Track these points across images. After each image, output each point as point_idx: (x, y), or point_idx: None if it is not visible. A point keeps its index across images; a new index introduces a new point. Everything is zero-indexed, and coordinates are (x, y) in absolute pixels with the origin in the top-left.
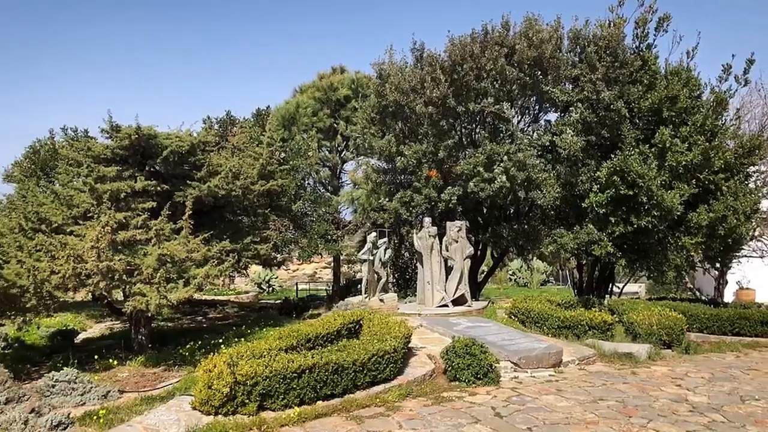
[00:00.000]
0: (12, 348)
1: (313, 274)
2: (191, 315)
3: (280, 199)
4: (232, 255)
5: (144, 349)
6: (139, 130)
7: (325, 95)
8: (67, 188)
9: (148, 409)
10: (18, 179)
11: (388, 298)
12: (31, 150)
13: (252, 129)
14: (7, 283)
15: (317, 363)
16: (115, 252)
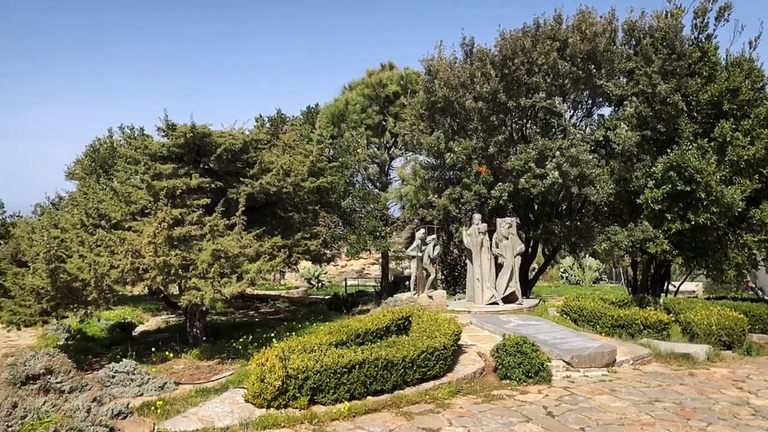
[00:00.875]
0: (74, 339)
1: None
2: (243, 309)
3: (329, 195)
4: (283, 251)
5: (199, 342)
6: (193, 128)
7: (374, 92)
8: (126, 185)
9: (202, 400)
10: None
11: (436, 295)
12: (91, 148)
13: (302, 127)
14: (70, 277)
15: (367, 358)
16: (171, 247)
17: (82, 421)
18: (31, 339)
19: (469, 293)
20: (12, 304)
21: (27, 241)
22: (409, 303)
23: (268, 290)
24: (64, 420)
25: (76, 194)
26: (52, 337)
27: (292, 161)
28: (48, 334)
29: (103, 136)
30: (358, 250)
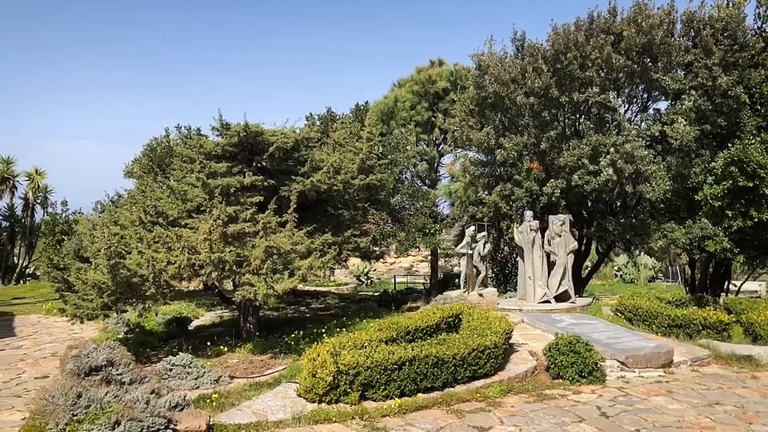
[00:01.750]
0: (133, 333)
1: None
2: (295, 305)
3: (378, 193)
4: (334, 247)
5: (252, 337)
6: (247, 127)
7: (423, 88)
8: (182, 183)
9: (256, 394)
10: (138, 175)
11: (487, 293)
12: (148, 148)
13: (351, 124)
14: (129, 273)
15: (417, 356)
16: (226, 244)
17: (142, 412)
18: (93, 332)
19: (521, 291)
20: (76, 298)
21: (89, 237)
22: (459, 301)
23: (318, 287)
24: (125, 410)
25: (134, 192)
26: (113, 330)
27: (342, 159)
28: (109, 327)
29: (160, 136)
30: (407, 247)
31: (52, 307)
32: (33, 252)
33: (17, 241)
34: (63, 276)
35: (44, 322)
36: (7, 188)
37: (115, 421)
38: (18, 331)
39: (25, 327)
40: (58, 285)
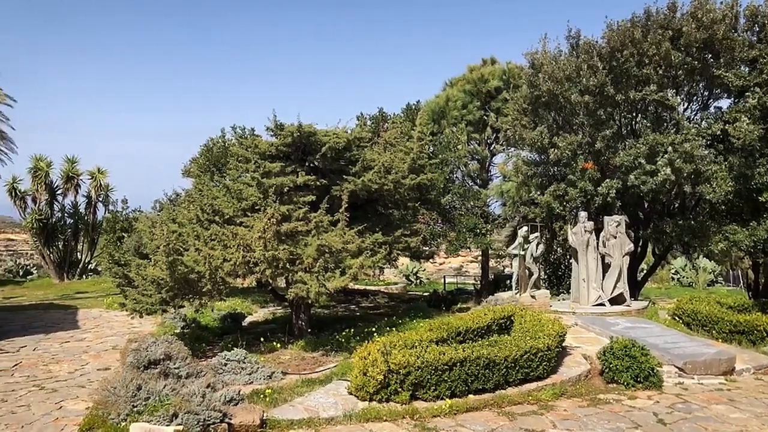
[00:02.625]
0: (189, 328)
1: (459, 268)
2: (345, 303)
3: (429, 192)
4: (384, 247)
5: (303, 334)
6: (300, 128)
7: (475, 87)
8: (237, 183)
9: (308, 391)
10: (195, 174)
11: (539, 295)
12: (205, 148)
13: (402, 124)
14: (187, 269)
15: (468, 356)
16: (280, 242)
17: (198, 406)
18: (151, 326)
19: (574, 294)
20: (135, 293)
21: (148, 234)
22: (511, 302)
23: (368, 285)
24: (182, 403)
25: (192, 191)
26: (170, 325)
27: (393, 159)
28: (166, 322)
29: (216, 136)
30: (458, 247)
31: (113, 301)
32: (95, 248)
33: (80, 238)
34: (123, 272)
35: (105, 316)
36: (72, 186)
37: (173, 413)
38: (81, 324)
39: (87, 320)
40: (119, 280)
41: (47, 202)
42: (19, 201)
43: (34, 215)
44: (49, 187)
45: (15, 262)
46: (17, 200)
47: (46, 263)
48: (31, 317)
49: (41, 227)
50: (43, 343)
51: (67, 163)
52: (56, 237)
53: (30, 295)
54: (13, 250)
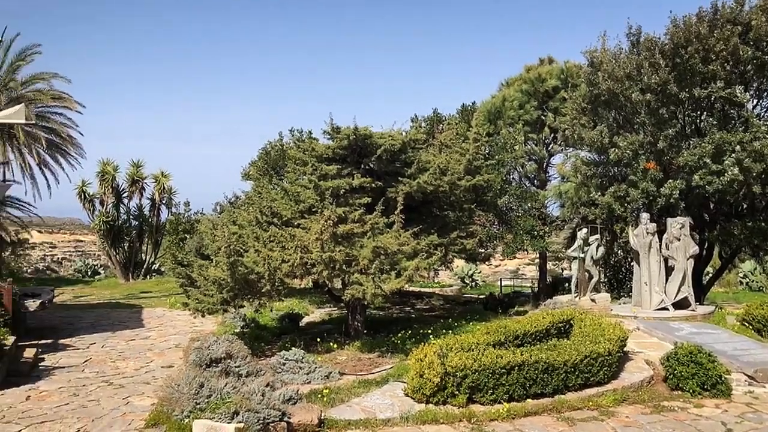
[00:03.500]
0: (249, 328)
1: (515, 270)
2: (400, 305)
3: (485, 194)
4: (440, 249)
5: (359, 335)
6: (356, 130)
7: (533, 87)
8: (295, 185)
9: (364, 391)
10: (254, 177)
11: (599, 298)
12: (263, 151)
13: (458, 125)
14: (247, 270)
15: (526, 360)
16: (336, 244)
17: (258, 404)
18: (212, 325)
19: (636, 297)
20: (198, 293)
21: (210, 236)
22: (570, 306)
23: (423, 288)
24: (243, 402)
25: (251, 194)
26: (230, 324)
27: (449, 160)
28: (227, 321)
29: (274, 140)
30: (515, 249)
31: (176, 301)
32: (158, 249)
33: (145, 239)
34: (186, 272)
35: (168, 315)
36: (137, 189)
37: (234, 411)
38: (146, 322)
39: (152, 319)
40: (182, 281)
41: (114, 205)
42: (87, 204)
43: (101, 217)
44: (115, 190)
45: (84, 262)
46: (86, 203)
47: (113, 264)
48: (99, 315)
49: (108, 229)
50: (111, 340)
51: (132, 167)
52: (122, 238)
53: (98, 294)
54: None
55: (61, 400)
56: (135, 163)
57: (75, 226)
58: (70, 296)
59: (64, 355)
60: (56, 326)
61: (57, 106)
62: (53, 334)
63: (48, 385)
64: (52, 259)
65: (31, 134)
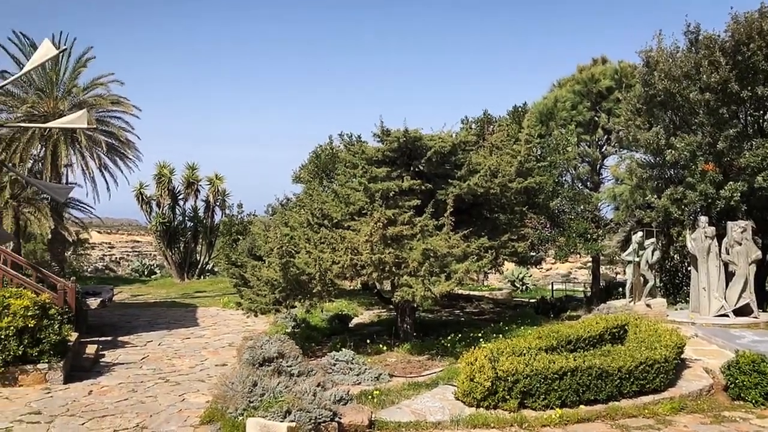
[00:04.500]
0: (300, 328)
1: (567, 274)
2: (449, 308)
3: (537, 196)
4: (490, 252)
5: (409, 337)
6: (406, 133)
7: (585, 87)
8: (345, 188)
9: (414, 394)
10: (305, 180)
11: (655, 304)
12: (314, 154)
13: (509, 127)
14: (298, 271)
15: (579, 366)
16: (386, 246)
17: (310, 404)
18: (264, 325)
19: (693, 303)
20: (251, 293)
21: (262, 237)
22: (624, 311)
23: (472, 291)
24: (295, 401)
25: (302, 196)
26: (282, 324)
27: (500, 162)
28: (278, 321)
29: (324, 143)
30: (567, 253)
31: (229, 300)
32: (212, 250)
33: (199, 240)
34: (240, 272)
35: (222, 315)
36: (192, 192)
37: (286, 410)
38: (200, 321)
39: (206, 318)
40: (236, 281)
41: (170, 207)
42: (145, 205)
43: (158, 219)
44: (171, 192)
45: (141, 262)
46: (143, 205)
47: (168, 263)
48: (155, 314)
49: (164, 230)
50: (167, 338)
51: (188, 170)
52: (177, 239)
53: (154, 294)
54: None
55: (120, 395)
56: (190, 166)
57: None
58: (127, 295)
59: (123, 352)
60: (115, 324)
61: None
62: (113, 332)
63: (108, 381)
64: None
65: (92, 138)
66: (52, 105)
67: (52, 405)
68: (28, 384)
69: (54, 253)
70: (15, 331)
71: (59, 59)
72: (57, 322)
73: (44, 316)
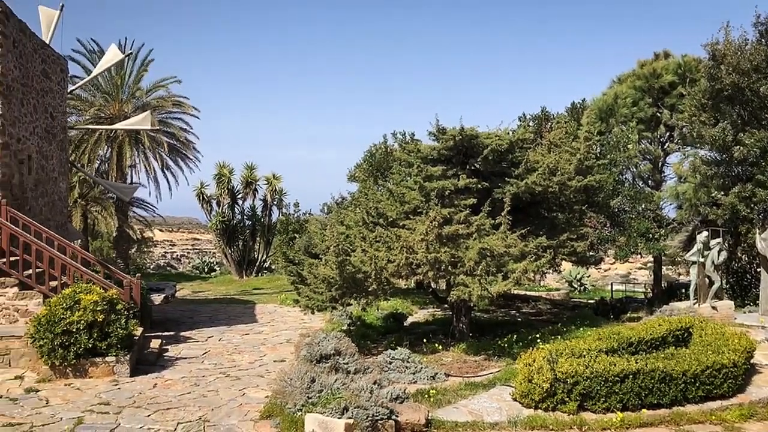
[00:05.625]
0: (355, 326)
1: (626, 275)
2: (505, 308)
3: (597, 195)
4: (548, 251)
5: (464, 337)
6: (462, 131)
7: (647, 83)
8: (400, 186)
9: (471, 394)
10: (360, 179)
11: (721, 306)
12: (368, 153)
13: (567, 124)
14: (354, 269)
15: (642, 369)
16: (441, 245)
17: (367, 401)
18: (320, 322)
19: (763, 306)
20: (308, 291)
21: (319, 236)
22: (688, 313)
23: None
24: (352, 398)
25: (357, 195)
26: (338, 322)
27: (558, 160)
28: (334, 319)
29: (378, 143)
30: (627, 253)
31: (286, 298)
32: (269, 248)
33: (257, 238)
34: (297, 270)
35: (279, 311)
36: (250, 191)
37: (344, 407)
38: (259, 318)
39: (264, 315)
40: (293, 278)
41: (229, 206)
42: (205, 204)
43: (217, 217)
44: (230, 191)
45: (201, 259)
46: (204, 203)
47: (227, 261)
48: (216, 310)
49: (224, 228)
50: (227, 334)
51: (246, 170)
52: (236, 237)
53: (214, 290)
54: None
55: (183, 388)
56: (248, 166)
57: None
58: (189, 291)
59: (185, 347)
60: (178, 319)
61: (176, 111)
62: (175, 327)
63: (172, 374)
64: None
65: (155, 139)
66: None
67: (119, 396)
68: (97, 376)
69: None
70: (85, 325)
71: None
72: (124, 316)
73: (112, 311)
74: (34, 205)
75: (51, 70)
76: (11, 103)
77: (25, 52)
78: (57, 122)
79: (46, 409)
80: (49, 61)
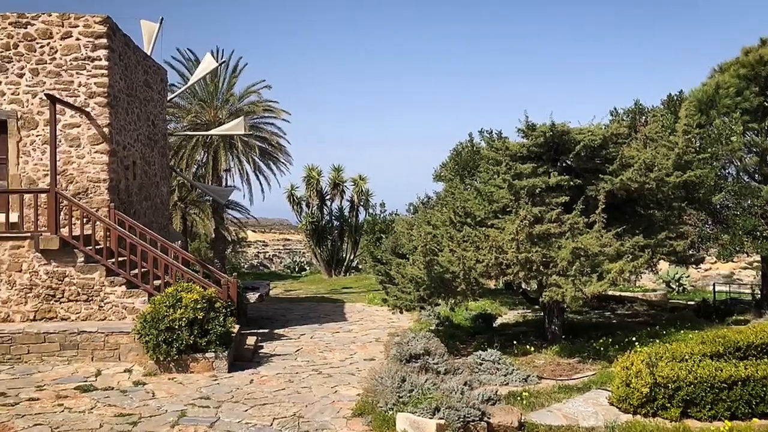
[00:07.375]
0: (443, 326)
1: (729, 275)
2: (598, 310)
3: (697, 191)
4: (646, 251)
5: (557, 339)
6: (553, 127)
7: (753, 71)
8: (488, 185)
9: (565, 397)
10: (446, 178)
11: None
12: (454, 152)
13: (663, 117)
14: (442, 269)
15: (752, 375)
16: (532, 244)
17: (458, 402)
18: (408, 322)
19: None
20: (396, 290)
21: (406, 235)
22: None
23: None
24: (443, 398)
25: (443, 194)
26: (426, 321)
27: (655, 155)
28: (422, 318)
29: (465, 141)
30: (732, 252)
31: (374, 297)
32: (357, 248)
33: (345, 238)
34: (385, 270)
35: (367, 310)
36: (338, 192)
37: (435, 407)
38: (348, 316)
39: (353, 313)
40: (381, 278)
41: (318, 207)
42: (295, 206)
43: (307, 218)
44: (319, 193)
45: (292, 259)
46: (294, 205)
47: (317, 261)
48: (307, 308)
49: (313, 229)
50: (318, 332)
51: (333, 172)
52: (325, 237)
53: (305, 289)
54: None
55: (278, 385)
56: (336, 168)
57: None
58: (281, 290)
59: (279, 344)
60: (271, 317)
61: (268, 116)
62: (269, 324)
63: (267, 371)
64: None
65: (248, 144)
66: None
67: (218, 391)
68: (198, 371)
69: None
70: (186, 322)
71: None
72: (222, 314)
73: (211, 309)
74: (139, 209)
75: (152, 80)
76: (117, 113)
77: (130, 65)
78: (158, 129)
79: (152, 402)
80: (150, 71)
